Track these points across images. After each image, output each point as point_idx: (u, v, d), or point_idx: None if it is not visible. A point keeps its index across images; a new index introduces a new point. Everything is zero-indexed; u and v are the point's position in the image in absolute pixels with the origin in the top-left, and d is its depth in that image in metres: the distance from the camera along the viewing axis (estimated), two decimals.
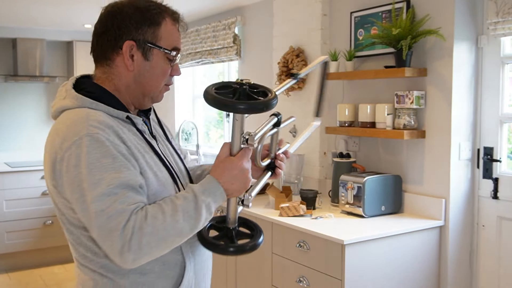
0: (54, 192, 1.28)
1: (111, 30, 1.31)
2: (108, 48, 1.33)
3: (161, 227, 1.17)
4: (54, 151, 1.24)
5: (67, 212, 1.29)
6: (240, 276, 3.19)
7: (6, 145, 5.50)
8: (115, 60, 1.33)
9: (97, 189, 1.16)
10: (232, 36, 4.24)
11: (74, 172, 1.19)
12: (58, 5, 4.31)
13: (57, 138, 1.24)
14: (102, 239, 1.17)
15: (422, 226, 2.68)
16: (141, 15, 1.33)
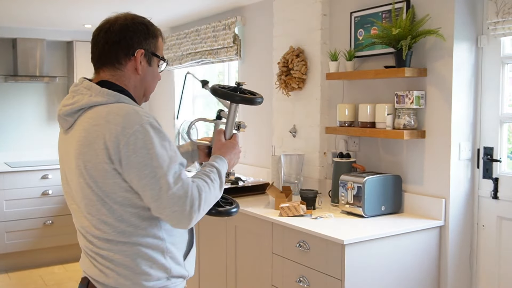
0: (110, 174, 1.45)
1: (125, 40, 1.58)
2: (121, 54, 1.57)
3: (208, 194, 1.50)
4: (114, 137, 1.42)
5: (117, 193, 1.47)
6: (240, 276, 3.19)
7: (6, 145, 5.50)
8: (126, 65, 1.58)
9: (165, 166, 1.43)
10: (232, 36, 4.24)
11: (142, 153, 1.42)
12: (58, 5, 4.31)
13: (113, 126, 1.43)
14: (170, 206, 1.42)
15: (422, 226, 2.68)
16: (147, 29, 1.64)
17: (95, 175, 1.46)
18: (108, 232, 1.49)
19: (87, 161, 1.47)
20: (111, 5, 4.25)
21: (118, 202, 1.47)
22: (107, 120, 1.45)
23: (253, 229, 3.03)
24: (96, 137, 1.45)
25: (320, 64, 3.39)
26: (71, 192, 1.59)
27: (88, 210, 1.51)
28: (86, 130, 1.48)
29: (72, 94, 1.57)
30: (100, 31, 1.61)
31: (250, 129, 4.27)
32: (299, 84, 3.50)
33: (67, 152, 1.56)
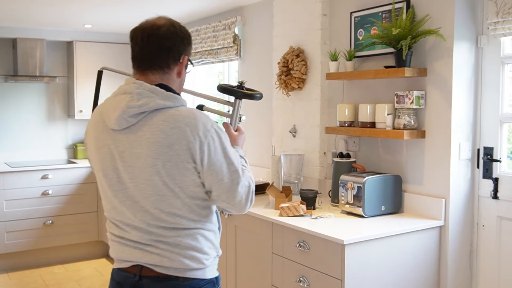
0: (189, 172, 1.63)
1: (175, 46, 1.71)
2: (171, 59, 1.71)
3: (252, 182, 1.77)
4: (195, 140, 1.61)
5: (190, 188, 1.66)
6: (240, 276, 3.19)
7: (6, 145, 5.50)
8: (174, 69, 1.73)
9: (236, 162, 1.69)
10: (232, 36, 4.24)
11: (219, 153, 1.65)
12: (58, 5, 4.31)
13: (194, 130, 1.61)
14: (240, 196, 1.69)
15: (422, 226, 2.68)
16: (189, 39, 1.79)
17: (174, 173, 1.62)
18: (177, 222, 1.67)
19: (166, 161, 1.61)
20: (111, 5, 4.25)
21: (190, 196, 1.67)
22: (185, 124, 1.61)
23: (253, 229, 3.03)
24: (177, 139, 1.60)
25: (320, 64, 3.39)
26: (128, 189, 1.67)
27: (156, 205, 1.65)
28: (165, 132, 1.61)
29: (134, 96, 1.64)
30: (149, 35, 1.70)
31: (250, 129, 4.27)
32: (299, 84, 3.50)
33: (129, 151, 1.65)
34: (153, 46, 1.69)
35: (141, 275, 1.72)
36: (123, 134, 1.66)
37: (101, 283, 4.71)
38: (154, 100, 1.64)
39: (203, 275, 1.74)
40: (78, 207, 5.36)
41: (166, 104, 1.65)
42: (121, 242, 1.76)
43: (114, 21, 5.06)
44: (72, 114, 5.63)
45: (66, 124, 5.82)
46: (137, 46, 1.72)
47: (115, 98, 1.71)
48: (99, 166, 1.73)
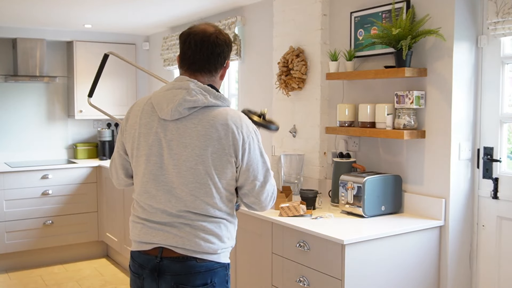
0: (230, 165, 1.84)
1: (223, 53, 1.90)
2: (218, 63, 1.91)
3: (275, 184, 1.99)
4: (240, 138, 1.82)
5: (227, 180, 1.85)
6: (240, 276, 3.19)
7: (6, 145, 5.50)
8: (219, 72, 1.93)
9: (267, 162, 1.92)
10: (232, 36, 4.24)
11: (256, 151, 1.87)
12: (58, 5, 4.31)
13: (239, 129, 1.83)
14: (268, 193, 1.92)
15: (422, 226, 2.68)
16: (231, 45, 1.97)
17: (217, 164, 1.82)
18: (207, 209, 1.85)
19: (213, 152, 1.81)
20: (111, 5, 4.25)
21: (224, 187, 1.86)
22: (233, 122, 1.83)
23: (253, 229, 3.03)
24: (225, 135, 1.81)
25: (320, 64, 3.39)
26: (168, 175, 1.84)
27: (193, 192, 1.83)
28: (215, 127, 1.81)
29: (190, 91, 1.83)
30: (202, 41, 1.87)
31: None
32: (299, 84, 3.50)
33: (177, 140, 1.83)
34: (206, 52, 1.88)
35: (162, 256, 1.87)
36: (173, 124, 1.84)
37: (101, 283, 4.71)
38: (207, 98, 1.83)
39: (218, 258, 1.94)
40: (78, 207, 5.36)
41: (217, 103, 1.86)
42: (145, 224, 1.90)
43: (114, 21, 5.06)
44: (72, 114, 5.63)
45: (66, 124, 5.82)
46: (190, 50, 1.88)
47: (169, 91, 1.86)
48: (143, 151, 1.88)
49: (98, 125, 5.94)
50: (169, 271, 1.87)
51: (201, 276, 1.88)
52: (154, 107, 1.87)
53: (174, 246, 1.85)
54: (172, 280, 1.86)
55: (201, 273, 1.88)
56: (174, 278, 1.86)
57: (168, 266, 1.87)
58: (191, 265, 1.87)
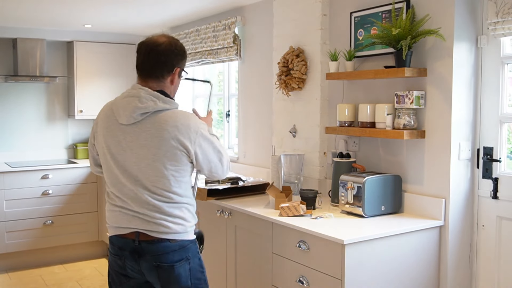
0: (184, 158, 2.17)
1: (170, 61, 2.23)
2: (165, 70, 2.23)
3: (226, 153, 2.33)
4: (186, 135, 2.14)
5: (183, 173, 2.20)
6: (240, 276, 3.19)
7: (6, 145, 5.50)
8: (167, 78, 2.25)
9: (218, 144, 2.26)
10: (232, 36, 4.24)
11: (207, 141, 2.20)
12: (58, 5, 4.31)
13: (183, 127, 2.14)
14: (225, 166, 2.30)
15: (422, 226, 2.68)
16: (184, 54, 2.30)
17: (173, 160, 2.14)
18: (170, 197, 2.17)
19: (167, 151, 2.13)
20: (111, 5, 4.25)
21: (182, 177, 2.19)
22: (181, 123, 2.15)
23: (253, 229, 3.03)
24: (176, 134, 2.13)
25: (320, 64, 3.39)
26: (132, 171, 2.16)
27: (155, 184, 2.15)
28: (166, 129, 2.13)
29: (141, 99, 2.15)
30: (150, 50, 2.22)
31: (250, 129, 4.27)
32: (299, 84, 3.50)
33: (130, 142, 2.16)
34: (152, 60, 2.21)
35: (140, 240, 2.19)
36: (130, 128, 2.16)
37: (101, 283, 4.71)
38: (156, 103, 2.15)
39: (187, 236, 2.24)
40: (78, 207, 5.36)
41: (165, 107, 2.17)
42: (122, 211, 2.21)
43: (114, 21, 5.06)
44: (72, 114, 5.63)
45: (66, 124, 5.82)
46: (141, 57, 2.25)
47: (125, 99, 2.19)
48: (108, 151, 2.21)
49: None
50: (148, 252, 2.18)
51: (177, 253, 2.20)
52: (114, 113, 2.20)
53: (148, 230, 2.17)
54: (152, 259, 2.18)
55: (176, 251, 2.20)
56: (153, 258, 2.18)
57: (147, 248, 2.18)
58: (166, 245, 2.18)
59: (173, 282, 2.21)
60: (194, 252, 2.28)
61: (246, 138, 4.34)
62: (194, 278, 2.28)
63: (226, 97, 4.81)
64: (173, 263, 2.19)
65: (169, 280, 2.21)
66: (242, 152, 4.38)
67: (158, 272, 2.20)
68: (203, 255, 2.40)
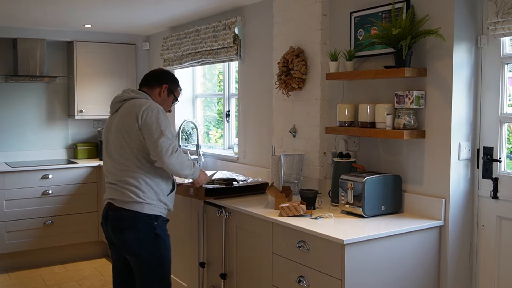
0: (135, 132, 2.72)
1: (159, 77, 3.01)
2: (155, 82, 2.98)
3: (183, 160, 2.78)
4: (139, 110, 2.72)
5: (137, 142, 2.73)
6: (240, 276, 3.19)
7: (6, 145, 5.50)
8: (155, 88, 2.97)
9: (167, 130, 2.71)
10: (232, 36, 4.24)
11: (154, 118, 2.71)
12: (58, 5, 4.31)
13: (141, 106, 2.74)
14: (159, 147, 2.66)
15: (422, 226, 2.68)
16: (173, 79, 3.06)
17: (128, 131, 2.73)
18: (128, 165, 2.74)
19: (125, 124, 2.74)
20: (111, 5, 4.25)
21: (137, 148, 2.73)
22: (139, 104, 2.76)
23: (253, 229, 3.03)
24: (132, 111, 2.74)
25: (320, 64, 3.39)
26: (110, 148, 2.82)
27: (119, 154, 2.76)
28: (128, 108, 2.78)
29: (124, 93, 2.89)
30: (151, 73, 3.06)
31: (250, 129, 4.27)
32: (299, 84, 3.50)
33: (111, 125, 2.84)
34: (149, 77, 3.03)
35: (109, 208, 2.80)
36: (113, 115, 2.88)
37: (101, 283, 4.71)
38: (130, 94, 2.86)
39: (141, 209, 2.72)
40: (78, 207, 5.36)
41: (136, 96, 2.85)
42: (107, 186, 2.85)
43: (114, 21, 5.06)
44: (72, 114, 5.63)
45: (66, 124, 5.82)
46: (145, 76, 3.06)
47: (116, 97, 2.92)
48: (104, 139, 2.91)
49: (98, 125, 5.94)
50: (110, 219, 2.79)
51: (127, 222, 2.73)
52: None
53: (113, 199, 2.78)
54: (112, 224, 2.79)
55: (127, 220, 2.73)
56: (112, 223, 2.79)
57: (110, 215, 2.79)
58: (121, 213, 2.74)
59: (122, 246, 2.78)
60: (149, 226, 2.74)
61: (246, 138, 4.34)
62: (144, 249, 2.74)
63: (226, 97, 4.81)
64: (122, 229, 2.74)
65: (120, 243, 2.78)
66: (242, 152, 4.38)
67: (114, 234, 2.78)
68: (202, 255, 2.40)
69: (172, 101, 3.03)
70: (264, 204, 3.14)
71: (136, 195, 2.71)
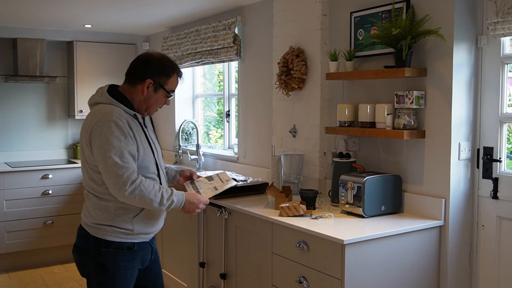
0: (87, 149, 2.25)
1: (142, 69, 2.36)
2: (137, 77, 2.36)
3: (143, 195, 2.21)
4: (92, 125, 2.21)
5: (91, 162, 2.27)
6: (240, 276, 3.19)
7: (6, 145, 5.50)
8: (137, 85, 2.37)
9: (114, 150, 2.17)
10: (232, 36, 4.24)
11: (102, 139, 2.18)
12: (58, 5, 4.31)
13: (94, 118, 2.23)
14: (110, 178, 2.18)
15: (422, 226, 2.68)
16: (160, 68, 2.38)
17: (84, 148, 2.30)
18: (85, 184, 2.36)
19: (85, 139, 2.27)
20: (111, 5, 4.25)
21: (92, 169, 2.28)
22: (93, 114, 2.28)
23: (253, 229, 3.03)
24: (86, 126, 2.28)
25: (320, 64, 3.39)
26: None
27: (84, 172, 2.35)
28: (86, 120, 2.31)
29: (92, 96, 2.38)
30: (133, 64, 2.41)
31: (250, 129, 4.27)
32: (299, 84, 3.50)
33: None
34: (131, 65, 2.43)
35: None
36: None
37: None
38: (96, 98, 2.36)
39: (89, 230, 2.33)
40: (78, 207, 5.30)
41: (100, 100, 2.33)
42: None
43: (114, 21, 5.06)
44: (72, 114, 5.64)
45: (66, 124, 5.82)
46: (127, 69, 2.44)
47: None
48: None
49: None
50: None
51: (80, 239, 2.40)
52: None
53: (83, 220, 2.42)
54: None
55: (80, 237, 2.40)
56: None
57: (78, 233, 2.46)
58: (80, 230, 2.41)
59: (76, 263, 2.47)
60: (97, 251, 2.31)
61: (246, 138, 4.34)
62: (87, 272, 2.39)
63: (226, 97, 4.81)
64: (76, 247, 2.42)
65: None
66: (242, 152, 4.38)
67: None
68: (202, 255, 2.41)
69: (165, 96, 2.42)
70: (264, 204, 3.14)
71: (87, 218, 2.36)
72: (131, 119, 2.31)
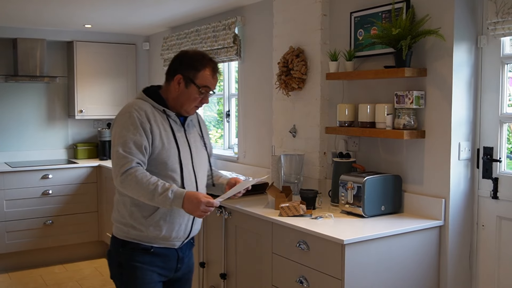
0: None
1: (174, 66, 2.33)
2: (170, 75, 2.33)
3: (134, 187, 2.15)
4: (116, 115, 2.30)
5: None
6: (240, 276, 3.19)
7: (6, 145, 5.50)
8: (172, 82, 2.32)
9: (120, 140, 2.19)
10: (232, 36, 4.24)
11: (115, 129, 2.24)
12: (58, 5, 4.31)
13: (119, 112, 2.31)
14: (112, 167, 2.22)
15: (422, 226, 2.68)
16: (190, 62, 2.30)
17: None
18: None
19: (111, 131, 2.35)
20: (111, 5, 4.25)
21: None
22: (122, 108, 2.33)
23: (253, 229, 3.03)
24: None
25: (320, 64, 3.39)
26: None
27: None
28: None
29: None
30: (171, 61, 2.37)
31: (250, 129, 4.27)
32: (299, 84, 3.50)
33: None
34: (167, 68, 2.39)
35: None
36: None
37: (102, 283, 4.71)
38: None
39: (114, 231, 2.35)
40: (78, 207, 5.36)
41: (136, 96, 2.38)
42: None
43: (114, 21, 5.06)
44: (72, 114, 5.63)
45: (66, 124, 5.82)
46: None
47: None
48: None
49: (98, 125, 5.94)
50: None
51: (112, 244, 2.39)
52: None
53: None
54: None
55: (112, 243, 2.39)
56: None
57: None
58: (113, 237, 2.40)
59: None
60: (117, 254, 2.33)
61: (246, 138, 4.34)
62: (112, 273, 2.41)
63: (226, 97, 4.80)
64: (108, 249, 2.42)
65: None
66: (242, 152, 4.38)
67: None
68: (202, 255, 2.40)
69: (199, 93, 2.29)
70: (264, 204, 3.14)
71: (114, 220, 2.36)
72: (159, 114, 2.27)
